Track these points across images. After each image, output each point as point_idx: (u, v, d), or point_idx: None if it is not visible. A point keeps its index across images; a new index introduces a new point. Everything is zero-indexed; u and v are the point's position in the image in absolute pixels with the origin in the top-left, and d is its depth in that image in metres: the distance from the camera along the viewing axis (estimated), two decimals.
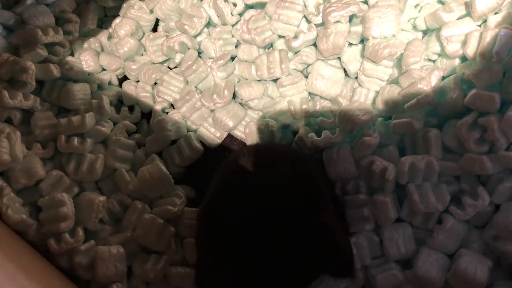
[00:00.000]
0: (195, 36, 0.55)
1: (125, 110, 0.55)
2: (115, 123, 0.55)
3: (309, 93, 0.52)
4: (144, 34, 0.59)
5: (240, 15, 0.54)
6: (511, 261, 0.41)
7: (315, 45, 0.51)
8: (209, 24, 0.56)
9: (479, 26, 0.46)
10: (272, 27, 0.50)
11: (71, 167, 0.50)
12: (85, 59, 0.57)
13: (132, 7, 0.58)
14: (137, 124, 0.56)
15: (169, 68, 0.56)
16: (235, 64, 0.54)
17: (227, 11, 0.53)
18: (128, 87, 0.57)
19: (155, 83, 0.56)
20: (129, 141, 0.52)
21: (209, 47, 0.54)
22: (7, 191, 0.48)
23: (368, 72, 0.48)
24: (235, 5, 0.53)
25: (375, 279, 0.43)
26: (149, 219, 0.47)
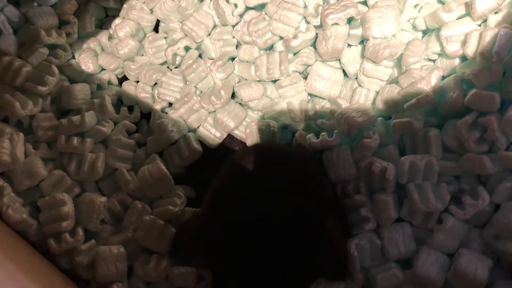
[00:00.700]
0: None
1: (124, 110, 0.55)
2: (115, 123, 0.55)
3: (309, 94, 0.52)
4: (145, 35, 0.59)
5: (240, 16, 0.54)
6: (511, 260, 0.41)
7: (314, 46, 0.51)
8: None
9: (479, 25, 0.46)
10: (271, 27, 0.50)
11: (73, 167, 0.50)
12: (84, 61, 0.57)
13: (133, 8, 0.58)
14: (136, 124, 0.56)
15: (169, 68, 0.57)
16: (235, 64, 0.54)
17: (229, 12, 0.53)
18: (127, 87, 0.57)
19: (155, 84, 0.56)
20: (129, 141, 0.52)
21: (210, 47, 0.54)
22: (8, 191, 0.48)
23: (368, 72, 0.48)
24: (236, 6, 0.53)
25: (375, 279, 0.43)
26: (150, 221, 0.47)
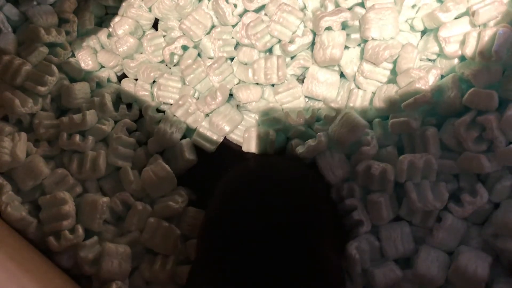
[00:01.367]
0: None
1: (123, 108, 0.55)
2: (115, 121, 0.55)
3: (307, 97, 0.52)
4: (144, 32, 0.59)
5: (240, 16, 0.54)
6: (510, 258, 0.41)
7: (311, 49, 0.51)
8: None
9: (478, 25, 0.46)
10: (269, 28, 0.50)
11: (74, 165, 0.50)
12: (83, 58, 0.57)
13: (131, 6, 0.58)
14: (136, 121, 0.56)
15: (168, 66, 0.56)
16: (233, 65, 0.54)
17: (229, 12, 0.53)
18: (127, 85, 0.57)
19: (154, 81, 0.56)
20: (130, 139, 0.52)
21: (208, 46, 0.54)
22: (7, 189, 0.48)
23: (367, 74, 0.48)
24: (235, 6, 0.53)
25: (373, 275, 0.43)
26: (154, 223, 0.47)
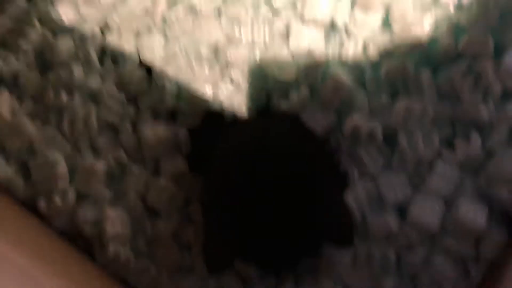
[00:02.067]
0: None
1: (109, 63, 0.53)
2: (102, 76, 0.52)
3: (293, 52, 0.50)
4: None
5: None
6: (503, 205, 0.42)
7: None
8: None
9: None
10: None
11: (65, 124, 0.49)
12: (64, 11, 0.53)
13: None
14: (123, 76, 0.53)
15: (153, 20, 0.54)
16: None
17: None
18: (111, 39, 0.54)
19: (139, 35, 0.54)
20: (120, 95, 0.51)
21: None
22: None
23: (358, 22, 0.47)
24: None
25: (370, 222, 0.44)
26: (162, 184, 0.47)
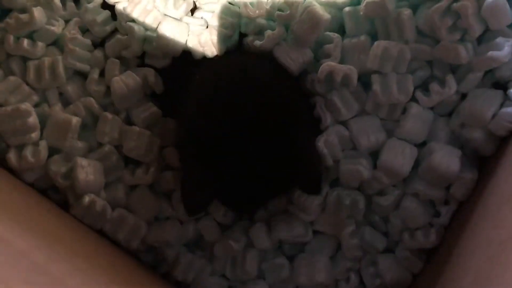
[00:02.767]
0: None
1: (71, 5, 0.50)
2: (65, 20, 0.49)
3: None
4: None
5: None
6: (475, 147, 0.43)
7: None
8: None
9: None
10: None
11: (31, 74, 0.47)
12: None
13: None
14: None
15: None
16: None
17: None
18: None
19: None
20: (85, 40, 0.48)
21: None
22: None
23: None
24: None
25: (341, 167, 0.44)
26: (139, 131, 0.46)
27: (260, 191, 0.42)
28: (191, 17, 0.49)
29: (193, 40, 0.48)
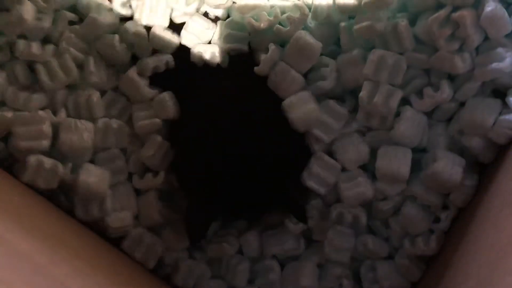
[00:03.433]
0: None
1: None
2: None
3: None
4: None
5: None
6: (474, 154, 0.43)
7: None
8: None
9: None
10: None
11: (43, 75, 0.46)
12: None
13: None
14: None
15: None
16: None
17: None
18: None
19: None
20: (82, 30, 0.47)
21: None
22: None
23: None
24: None
25: (341, 189, 0.45)
26: (159, 141, 0.47)
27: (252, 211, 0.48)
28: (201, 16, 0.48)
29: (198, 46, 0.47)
